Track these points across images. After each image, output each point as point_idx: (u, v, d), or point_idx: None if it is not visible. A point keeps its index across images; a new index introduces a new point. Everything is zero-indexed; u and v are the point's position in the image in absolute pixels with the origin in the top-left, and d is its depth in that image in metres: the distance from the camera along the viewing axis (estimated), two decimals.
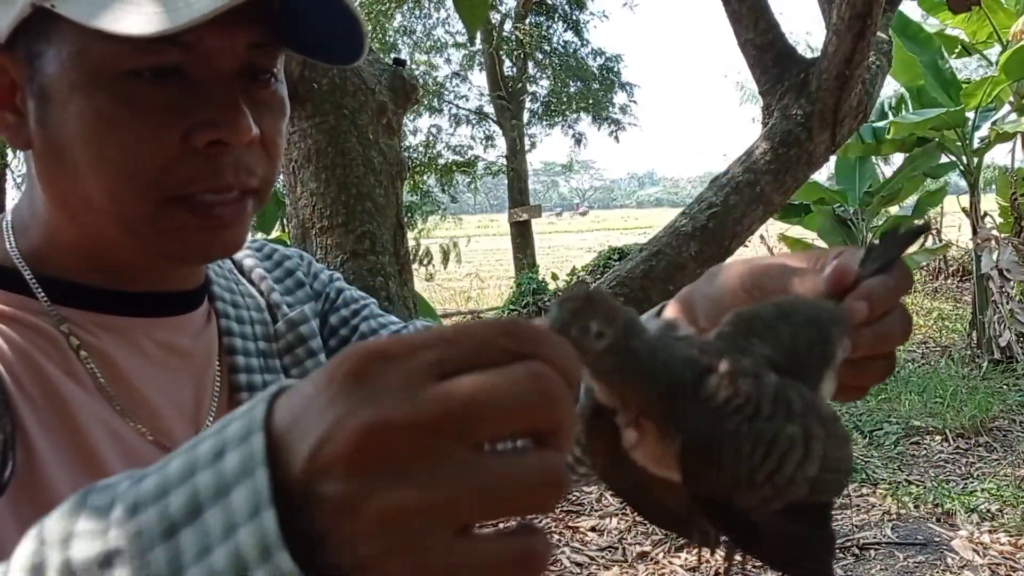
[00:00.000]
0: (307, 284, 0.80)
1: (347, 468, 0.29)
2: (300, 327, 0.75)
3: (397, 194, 2.09)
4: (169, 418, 0.63)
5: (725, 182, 2.24)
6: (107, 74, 0.55)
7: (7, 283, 0.60)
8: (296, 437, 0.30)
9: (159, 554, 0.30)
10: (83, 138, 0.56)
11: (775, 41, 2.33)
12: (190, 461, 0.31)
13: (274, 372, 0.72)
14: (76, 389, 0.58)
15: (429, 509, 0.29)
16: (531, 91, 13.51)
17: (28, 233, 0.62)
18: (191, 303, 0.67)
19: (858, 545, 3.58)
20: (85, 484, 0.50)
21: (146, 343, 0.63)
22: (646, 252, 2.18)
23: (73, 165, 0.57)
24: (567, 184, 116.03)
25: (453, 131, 13.57)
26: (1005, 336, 6.30)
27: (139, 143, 0.56)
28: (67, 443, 0.56)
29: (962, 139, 6.70)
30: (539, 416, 0.30)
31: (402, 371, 0.30)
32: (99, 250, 0.61)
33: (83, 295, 0.61)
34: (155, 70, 0.55)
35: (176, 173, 0.57)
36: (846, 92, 2.18)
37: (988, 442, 4.83)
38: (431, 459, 0.29)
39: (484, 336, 0.31)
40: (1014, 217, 7.13)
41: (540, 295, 8.19)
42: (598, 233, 31.38)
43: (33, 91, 0.57)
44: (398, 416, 0.29)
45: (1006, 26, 6.68)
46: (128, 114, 0.55)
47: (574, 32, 13.20)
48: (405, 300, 2.06)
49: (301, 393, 0.31)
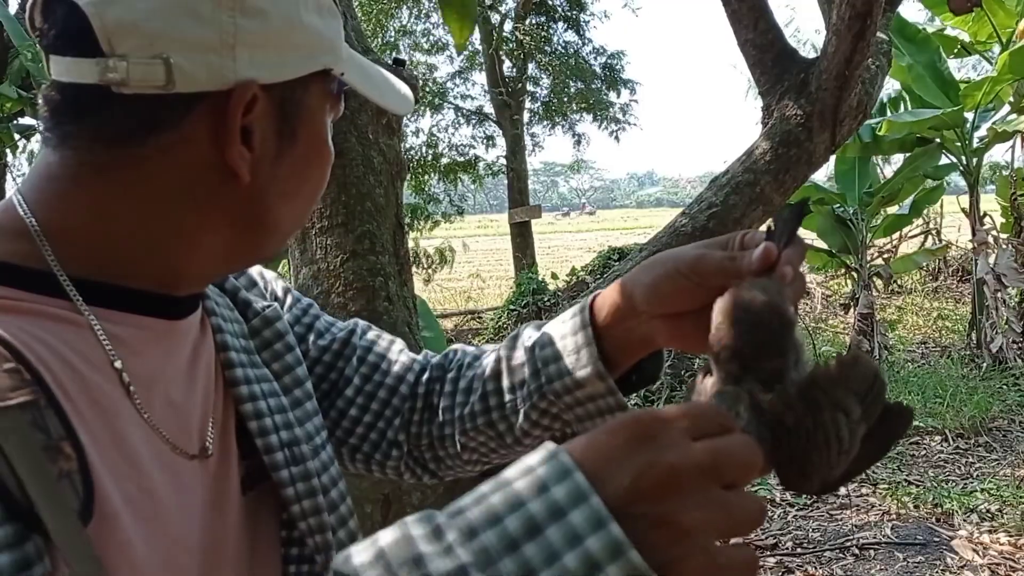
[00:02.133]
0: (259, 284, 0.83)
1: (659, 495, 0.42)
2: (276, 323, 0.77)
3: (397, 194, 2.09)
4: (186, 421, 0.64)
5: (725, 182, 2.24)
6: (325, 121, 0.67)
7: (36, 286, 0.56)
8: (609, 476, 0.42)
9: (507, 563, 0.40)
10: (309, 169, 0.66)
11: (775, 41, 2.33)
12: (511, 497, 0.42)
13: (258, 367, 0.74)
14: (116, 395, 0.57)
15: (708, 525, 0.42)
16: (531, 91, 13.52)
17: (79, 240, 0.58)
18: (196, 304, 0.69)
19: (858, 545, 3.59)
20: (134, 494, 0.56)
21: (172, 344, 0.64)
22: (646, 252, 2.18)
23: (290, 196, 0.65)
24: (567, 184, 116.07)
25: (454, 131, 13.58)
26: (997, 341, 6.30)
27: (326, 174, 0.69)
28: (115, 454, 0.55)
29: (962, 139, 6.70)
30: (753, 467, 0.46)
31: (674, 433, 0.44)
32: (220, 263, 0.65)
33: (115, 295, 0.60)
34: None
35: None
36: (846, 92, 2.18)
37: (988, 442, 4.83)
38: (703, 492, 0.43)
39: (709, 415, 0.47)
40: (1014, 217, 7.12)
41: (540, 295, 8.18)
42: (598, 233, 31.39)
43: (284, 132, 0.63)
44: (686, 462, 0.43)
45: (1006, 26, 6.68)
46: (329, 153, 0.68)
47: (575, 32, 13.20)
48: (405, 300, 2.06)
49: (597, 445, 0.44)
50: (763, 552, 3.59)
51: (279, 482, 0.69)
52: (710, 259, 0.66)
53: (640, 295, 0.71)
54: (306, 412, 0.76)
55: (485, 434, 0.84)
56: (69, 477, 0.50)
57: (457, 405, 0.85)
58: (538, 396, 0.78)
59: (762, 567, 3.44)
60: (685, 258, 0.68)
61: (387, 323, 1.97)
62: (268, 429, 0.70)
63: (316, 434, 0.76)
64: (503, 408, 0.82)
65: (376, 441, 0.87)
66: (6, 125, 5.76)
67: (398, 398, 0.88)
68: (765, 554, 3.57)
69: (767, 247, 0.62)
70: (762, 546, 3.64)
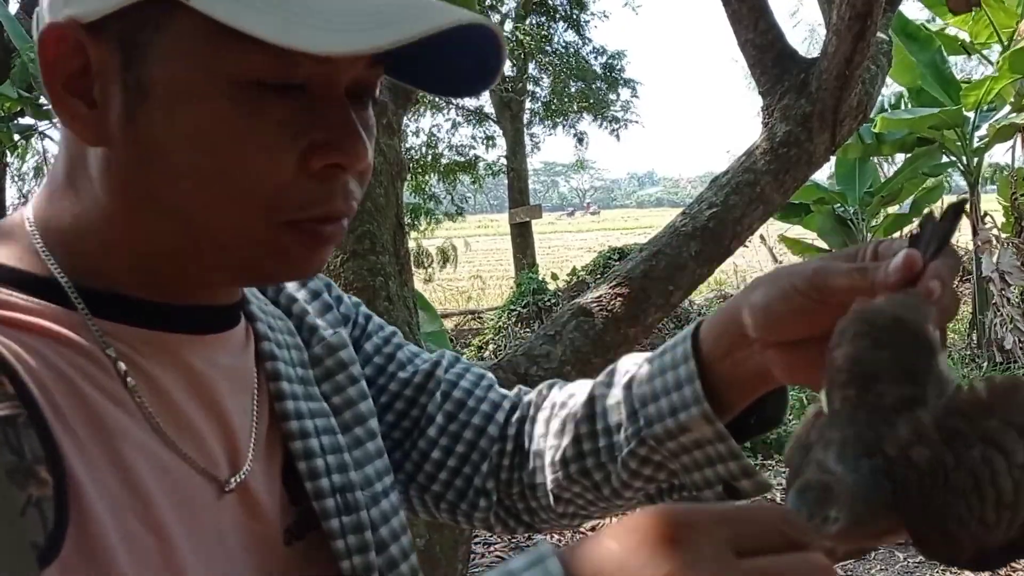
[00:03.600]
0: (334, 308, 0.74)
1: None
2: (339, 352, 0.69)
3: (397, 194, 2.09)
4: (214, 447, 0.57)
5: (725, 182, 2.24)
6: (234, 81, 0.49)
7: (41, 293, 0.52)
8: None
9: None
10: (193, 145, 0.50)
11: (775, 41, 2.33)
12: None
13: (315, 400, 0.66)
14: (124, 418, 0.51)
15: None
16: (531, 91, 13.52)
17: (69, 240, 0.54)
18: (232, 320, 0.61)
19: None
20: (137, 529, 0.49)
21: (195, 362, 0.57)
22: (646, 252, 2.18)
23: (168, 170, 0.51)
24: (567, 184, 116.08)
25: (454, 132, 13.58)
26: (1008, 339, 6.30)
27: (258, 160, 0.50)
28: (116, 482, 0.49)
29: (962, 139, 6.70)
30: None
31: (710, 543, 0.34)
32: (163, 262, 0.55)
33: (128, 308, 0.54)
34: (284, 84, 0.50)
35: (290, 196, 0.52)
36: (846, 92, 2.18)
37: None
38: None
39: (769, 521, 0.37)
40: (1014, 217, 7.12)
41: (540, 295, 8.18)
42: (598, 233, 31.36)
43: (127, 83, 0.50)
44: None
45: (1006, 26, 6.68)
46: (251, 126, 0.50)
47: (575, 31, 13.21)
48: (405, 300, 2.06)
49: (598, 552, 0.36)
50: None
51: (329, 533, 0.61)
52: (834, 271, 0.55)
53: (751, 319, 0.59)
54: (367, 453, 0.68)
55: (580, 484, 0.72)
56: (38, 506, 0.44)
57: (548, 449, 0.74)
58: (637, 442, 0.67)
59: None
60: (803, 272, 0.57)
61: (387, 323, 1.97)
62: (319, 471, 0.62)
63: (377, 479, 0.67)
64: (598, 455, 0.70)
65: (462, 488, 0.76)
66: (6, 125, 5.76)
67: (486, 440, 0.76)
68: None
69: (910, 254, 0.51)
70: None
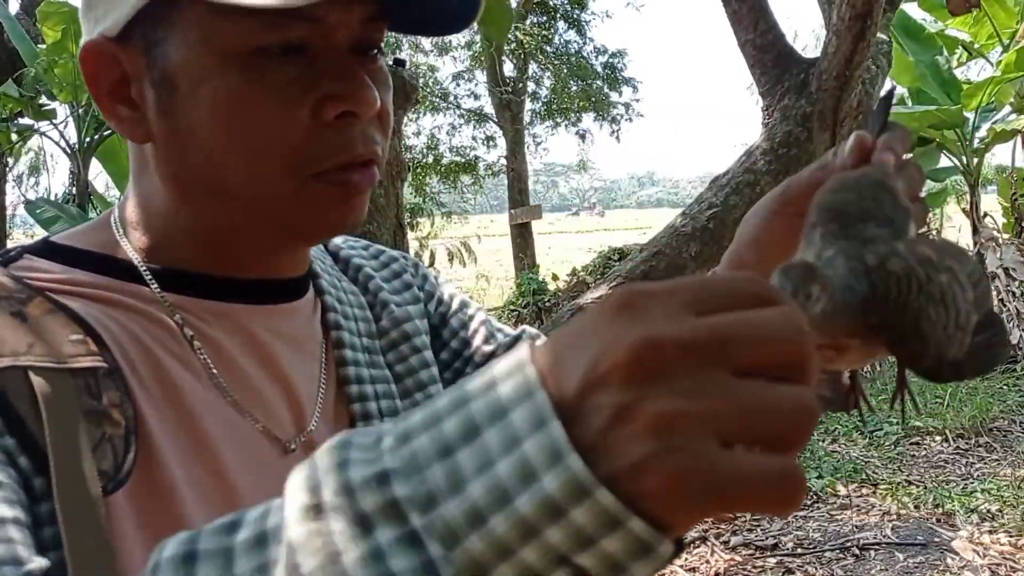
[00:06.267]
0: (414, 286, 0.79)
1: (623, 378, 0.31)
2: (404, 324, 0.74)
3: (397, 194, 2.09)
4: (278, 408, 0.62)
5: (725, 182, 2.24)
6: (238, 53, 0.54)
7: (120, 273, 0.59)
8: (569, 361, 0.33)
9: (436, 470, 0.33)
10: (216, 121, 0.55)
11: (775, 41, 2.33)
12: (458, 396, 0.34)
13: (379, 368, 0.71)
14: (191, 378, 0.57)
15: (695, 416, 0.30)
16: (532, 91, 13.52)
17: (141, 227, 0.62)
18: (299, 291, 0.67)
19: (858, 545, 3.58)
20: (201, 475, 0.54)
21: (258, 330, 0.62)
22: (646, 252, 2.18)
23: (204, 151, 0.57)
24: (567, 184, 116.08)
25: (455, 132, 13.57)
26: (1015, 335, 6.30)
27: (274, 120, 0.55)
28: (183, 433, 0.55)
29: (962, 139, 6.69)
30: (790, 351, 0.32)
31: (666, 304, 0.32)
32: (219, 237, 0.61)
33: (195, 283, 0.61)
34: (283, 46, 0.55)
35: (310, 149, 0.57)
36: (846, 92, 2.18)
37: (988, 442, 4.83)
38: (697, 375, 0.31)
39: (732, 285, 0.34)
40: (1015, 217, 7.12)
41: (541, 295, 8.18)
42: (598, 233, 31.36)
43: (154, 80, 0.57)
44: (669, 335, 0.31)
45: (1007, 26, 6.68)
46: (262, 92, 0.55)
47: (576, 31, 13.21)
48: None
49: (565, 332, 0.34)
50: (763, 552, 3.59)
51: None
52: (796, 178, 0.61)
53: (746, 250, 0.66)
54: None
55: None
56: (111, 441, 0.51)
57: None
58: None
59: (762, 568, 3.44)
60: (774, 194, 0.63)
61: None
62: None
63: None
64: None
65: None
66: (6, 125, 5.76)
67: None
68: (765, 555, 3.57)
69: (859, 135, 0.55)
70: (762, 546, 3.63)
